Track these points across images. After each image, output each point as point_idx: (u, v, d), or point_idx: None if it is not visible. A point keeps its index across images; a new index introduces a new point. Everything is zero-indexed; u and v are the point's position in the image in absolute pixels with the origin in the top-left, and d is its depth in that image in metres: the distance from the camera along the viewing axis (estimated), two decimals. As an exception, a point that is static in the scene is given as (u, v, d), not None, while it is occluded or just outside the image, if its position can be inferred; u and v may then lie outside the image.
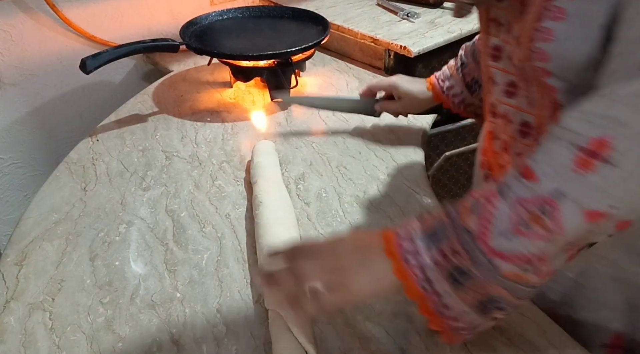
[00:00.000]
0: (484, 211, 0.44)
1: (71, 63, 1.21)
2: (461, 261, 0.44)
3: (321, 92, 1.10)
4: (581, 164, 0.40)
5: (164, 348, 0.54)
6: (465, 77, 0.81)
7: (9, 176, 1.22)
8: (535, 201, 0.42)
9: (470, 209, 0.45)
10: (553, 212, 0.41)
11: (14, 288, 0.62)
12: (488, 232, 0.44)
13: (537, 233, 0.42)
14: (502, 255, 0.43)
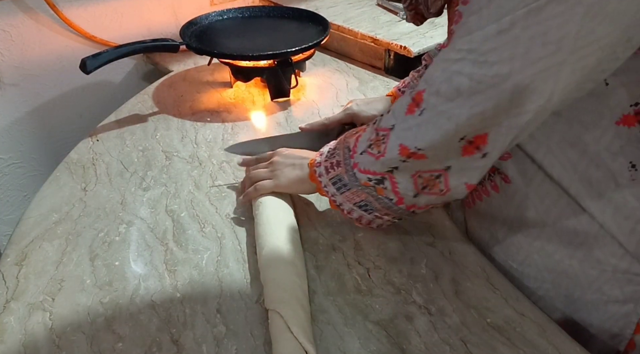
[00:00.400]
0: (359, 134, 0.60)
1: (71, 63, 1.21)
2: (341, 172, 0.61)
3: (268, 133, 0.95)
4: (409, 109, 0.52)
5: (164, 348, 0.54)
6: None
7: (9, 176, 1.22)
8: (382, 129, 0.56)
9: (357, 133, 0.61)
10: (385, 139, 0.55)
11: (14, 288, 0.62)
12: (355, 149, 0.59)
13: (374, 153, 0.56)
14: (359, 168, 0.58)
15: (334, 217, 0.73)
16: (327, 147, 0.66)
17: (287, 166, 0.69)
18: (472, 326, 0.56)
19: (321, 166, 0.64)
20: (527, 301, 0.59)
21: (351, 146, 0.60)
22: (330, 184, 0.63)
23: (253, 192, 0.70)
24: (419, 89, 0.51)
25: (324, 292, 0.61)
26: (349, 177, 0.60)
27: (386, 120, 0.56)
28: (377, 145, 0.56)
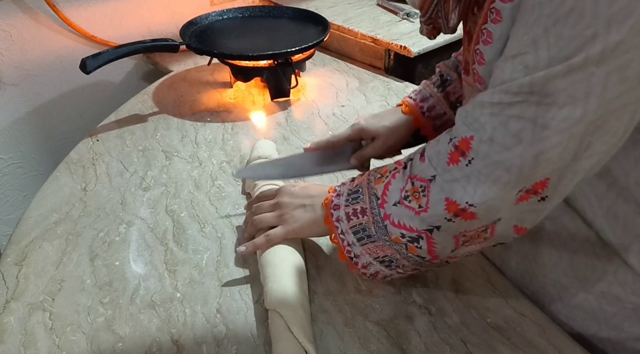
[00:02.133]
0: (389, 181, 0.54)
1: (71, 63, 1.21)
2: (366, 221, 0.54)
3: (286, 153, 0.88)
4: (452, 158, 0.47)
5: (164, 348, 0.54)
6: (449, 95, 0.72)
7: (9, 176, 1.22)
8: (419, 179, 0.50)
9: (384, 176, 0.55)
10: (426, 192, 0.49)
11: (14, 288, 0.62)
12: (387, 198, 0.53)
13: (413, 206, 0.50)
14: (392, 221, 0.52)
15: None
16: (345, 187, 0.58)
17: (297, 207, 0.61)
18: (472, 326, 0.56)
19: (340, 209, 0.56)
20: (527, 301, 0.59)
21: (379, 193, 0.53)
22: (349, 232, 0.56)
23: (264, 244, 0.61)
24: (463, 136, 0.46)
25: (324, 292, 0.61)
26: (376, 229, 0.53)
27: (422, 169, 0.50)
28: (416, 198, 0.50)
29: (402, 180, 0.52)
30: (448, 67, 0.73)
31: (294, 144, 0.91)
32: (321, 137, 0.92)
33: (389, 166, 0.56)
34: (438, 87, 0.72)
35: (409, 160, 0.53)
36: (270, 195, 0.66)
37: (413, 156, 0.53)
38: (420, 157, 0.51)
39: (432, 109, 0.71)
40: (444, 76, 0.72)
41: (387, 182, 0.54)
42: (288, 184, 0.66)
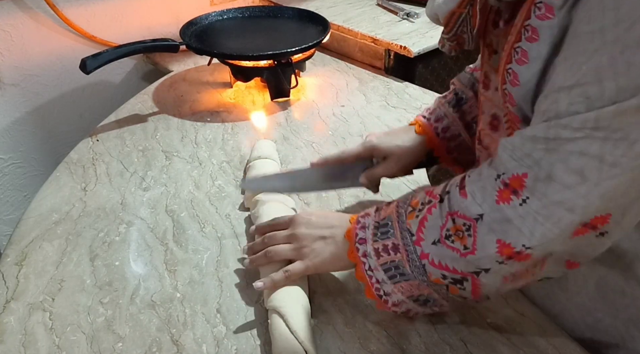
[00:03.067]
0: (424, 216, 0.49)
1: (71, 63, 1.21)
2: (399, 258, 0.50)
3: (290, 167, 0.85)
4: (502, 196, 0.43)
5: (164, 348, 0.54)
6: (465, 115, 0.68)
7: (9, 176, 1.22)
8: (462, 216, 0.46)
9: (416, 209, 0.50)
10: (472, 232, 0.45)
11: (14, 288, 0.62)
12: (423, 236, 0.48)
13: (456, 247, 0.46)
14: (432, 261, 0.48)
15: (334, 217, 0.73)
16: (369, 218, 0.54)
17: (316, 239, 0.56)
18: (472, 326, 0.56)
19: (367, 244, 0.52)
20: (527, 301, 0.59)
21: (414, 230, 0.49)
22: (379, 269, 0.51)
23: (283, 281, 0.56)
24: (515, 173, 0.42)
25: (324, 292, 0.60)
26: (412, 268, 0.49)
27: (465, 205, 0.46)
28: (460, 237, 0.46)
29: (440, 216, 0.48)
30: (463, 84, 0.69)
31: (294, 144, 0.91)
32: (321, 137, 0.93)
33: (420, 196, 0.52)
34: (453, 107, 0.69)
35: (445, 193, 0.49)
36: (283, 223, 0.61)
37: (450, 189, 0.49)
38: (460, 191, 0.47)
39: (446, 130, 0.68)
40: (459, 94, 0.69)
41: (422, 217, 0.49)
42: (303, 213, 0.61)
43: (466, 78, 0.69)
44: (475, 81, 0.68)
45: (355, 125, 0.97)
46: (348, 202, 0.76)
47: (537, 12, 0.42)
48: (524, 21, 0.43)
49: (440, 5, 0.50)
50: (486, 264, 0.45)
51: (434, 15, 0.52)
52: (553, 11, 0.40)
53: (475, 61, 0.69)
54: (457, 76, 0.71)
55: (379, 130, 0.94)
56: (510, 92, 0.46)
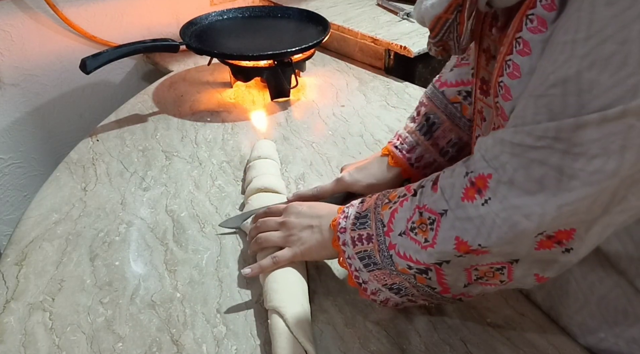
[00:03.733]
0: (395, 208, 0.51)
1: (71, 63, 1.21)
2: (371, 248, 0.52)
3: None
4: (467, 194, 0.44)
5: (164, 348, 0.54)
6: (439, 141, 0.68)
7: (9, 176, 1.22)
8: (429, 210, 0.47)
9: (391, 202, 0.52)
10: (435, 226, 0.46)
11: (14, 288, 0.62)
12: (392, 227, 0.50)
13: (418, 240, 0.47)
14: (398, 252, 0.49)
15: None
16: (353, 208, 0.56)
17: (304, 228, 0.59)
18: (472, 326, 0.56)
19: (346, 233, 0.54)
20: (527, 301, 0.59)
21: (385, 220, 0.51)
22: (355, 258, 0.53)
23: (271, 266, 0.58)
24: (481, 172, 0.43)
25: (324, 292, 0.60)
26: (382, 258, 0.51)
27: (433, 200, 0.47)
28: (423, 231, 0.47)
29: (409, 209, 0.49)
30: (435, 105, 0.67)
31: (294, 144, 0.91)
32: (321, 137, 0.93)
33: (399, 190, 0.53)
34: (424, 134, 0.68)
35: (419, 187, 0.50)
36: (277, 211, 0.63)
37: (425, 183, 0.50)
38: (432, 185, 0.48)
39: (420, 159, 0.68)
40: (430, 119, 0.68)
41: (394, 209, 0.51)
42: (296, 202, 0.63)
43: (437, 98, 0.67)
44: (447, 102, 0.66)
45: (355, 125, 0.97)
46: (348, 202, 0.76)
47: (529, 24, 0.40)
48: (515, 32, 0.42)
49: (427, 9, 0.49)
50: (445, 257, 0.46)
51: (421, 18, 0.50)
52: (546, 24, 0.39)
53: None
54: (427, 94, 0.69)
55: (378, 130, 0.95)
56: (502, 106, 0.45)
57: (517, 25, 0.42)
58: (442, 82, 0.68)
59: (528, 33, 0.41)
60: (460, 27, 0.47)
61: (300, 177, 0.82)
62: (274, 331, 0.53)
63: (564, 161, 0.37)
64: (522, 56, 0.41)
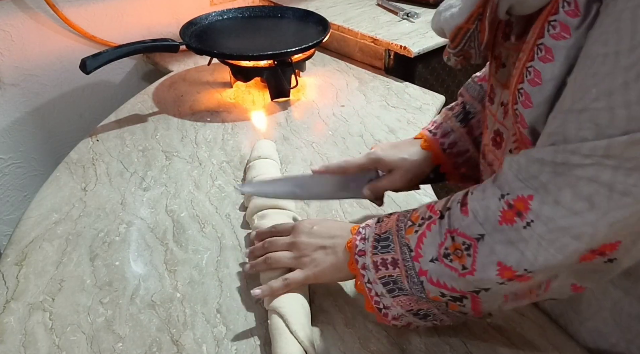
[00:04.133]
0: (423, 231, 0.48)
1: (71, 63, 1.21)
2: (398, 273, 0.49)
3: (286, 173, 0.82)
4: (505, 217, 0.42)
5: (164, 348, 0.54)
6: (474, 130, 0.65)
7: (9, 176, 1.22)
8: (462, 235, 0.44)
9: (416, 224, 0.49)
10: (472, 252, 0.44)
11: (14, 288, 0.62)
12: (422, 252, 0.47)
13: (455, 267, 0.45)
14: (430, 279, 0.47)
15: (334, 217, 0.73)
16: (370, 229, 0.53)
17: (317, 249, 0.56)
18: (472, 326, 0.56)
19: (367, 256, 0.51)
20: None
21: (412, 245, 0.48)
22: (378, 282, 0.51)
23: (282, 289, 0.55)
24: (520, 194, 0.41)
25: (324, 292, 0.60)
26: (410, 284, 0.48)
27: (466, 224, 0.44)
28: (459, 257, 0.44)
29: (439, 233, 0.46)
30: (472, 97, 0.66)
31: (294, 144, 0.91)
32: (321, 137, 0.93)
33: (421, 211, 0.50)
34: (461, 121, 0.66)
35: (445, 209, 0.47)
36: (284, 230, 0.60)
37: (451, 205, 0.47)
38: (461, 208, 0.45)
39: (453, 145, 0.65)
40: (467, 108, 0.66)
41: (421, 233, 0.48)
42: (305, 221, 0.60)
43: (475, 90, 0.66)
44: (484, 94, 0.65)
45: (355, 125, 0.97)
46: (348, 202, 0.76)
47: (551, 30, 0.40)
48: (536, 39, 0.41)
49: (447, 19, 0.47)
50: (486, 285, 0.44)
51: (440, 29, 0.49)
52: (569, 31, 0.38)
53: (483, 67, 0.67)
54: (465, 86, 0.69)
55: (378, 130, 0.95)
56: (521, 113, 0.44)
57: (539, 31, 0.41)
58: (480, 77, 0.67)
59: (550, 39, 0.40)
60: (481, 35, 0.47)
61: (300, 177, 0.82)
62: (274, 331, 0.53)
63: (616, 177, 0.36)
64: (544, 63, 0.40)
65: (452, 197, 0.48)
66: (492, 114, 0.53)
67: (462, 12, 0.46)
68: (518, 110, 0.45)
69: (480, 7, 0.45)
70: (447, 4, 0.48)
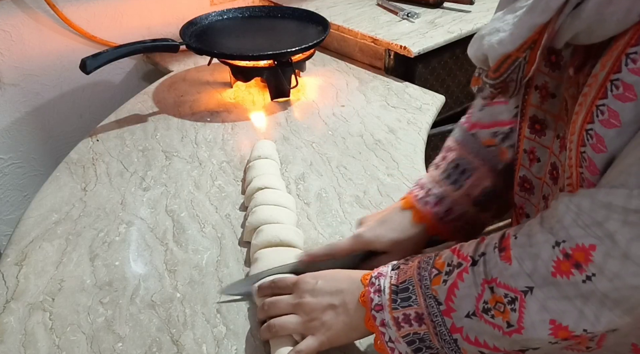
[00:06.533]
0: (454, 282, 0.43)
1: (71, 63, 1.21)
2: (425, 330, 0.44)
3: None
4: (560, 268, 0.37)
5: (164, 348, 0.54)
6: (471, 190, 0.58)
7: (9, 176, 1.22)
8: (504, 286, 0.39)
9: (442, 273, 0.44)
10: (517, 307, 0.39)
11: (14, 288, 0.62)
12: (454, 306, 0.42)
13: (498, 324, 0.40)
14: (466, 337, 0.42)
15: (334, 217, 0.73)
16: (384, 278, 0.47)
17: (325, 309, 0.49)
18: None
19: (384, 311, 0.46)
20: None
21: (442, 298, 0.43)
22: (400, 341, 0.45)
23: None
24: (579, 243, 0.36)
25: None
26: (441, 343, 0.43)
27: (509, 274, 0.39)
28: (502, 312, 0.39)
29: (474, 284, 0.41)
30: (466, 149, 0.59)
31: (294, 144, 0.91)
32: (321, 137, 0.93)
33: (446, 256, 0.45)
34: (454, 183, 0.58)
35: (479, 254, 0.42)
36: (285, 287, 0.54)
37: (485, 250, 0.42)
38: (500, 253, 0.40)
39: (449, 212, 0.58)
40: (460, 166, 0.59)
41: (451, 283, 0.43)
42: (307, 276, 0.53)
43: (468, 142, 0.59)
44: (479, 146, 0.59)
45: (355, 125, 0.97)
46: (348, 202, 0.76)
47: (630, 64, 0.34)
48: (609, 74, 0.36)
49: (493, 46, 0.41)
50: (535, 344, 0.39)
51: (482, 56, 0.43)
52: None
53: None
54: (454, 138, 0.61)
55: (378, 130, 0.95)
56: (590, 157, 0.38)
57: (613, 65, 0.36)
58: (472, 123, 0.60)
59: (631, 75, 0.34)
60: (528, 66, 0.41)
61: (300, 177, 0.82)
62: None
63: None
64: (622, 102, 0.35)
65: (485, 241, 0.43)
66: (546, 146, 0.48)
67: (514, 38, 0.40)
68: (586, 153, 0.39)
69: (538, 34, 0.39)
70: (492, 27, 0.42)
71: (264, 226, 0.65)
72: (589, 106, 0.38)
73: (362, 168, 0.84)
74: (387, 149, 0.89)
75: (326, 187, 0.79)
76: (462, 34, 1.17)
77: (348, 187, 0.79)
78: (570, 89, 0.44)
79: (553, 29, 0.38)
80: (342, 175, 0.82)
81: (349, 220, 0.72)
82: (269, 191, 0.72)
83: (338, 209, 0.75)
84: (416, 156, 0.87)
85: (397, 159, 0.86)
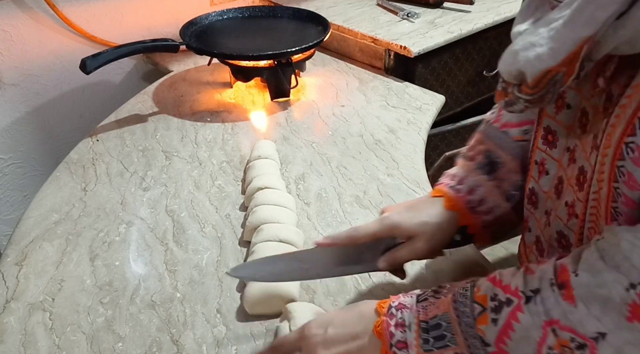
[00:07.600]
0: (506, 321, 0.38)
1: (71, 63, 1.21)
2: None
3: None
4: (636, 312, 0.33)
5: (164, 348, 0.54)
6: (503, 184, 0.56)
7: (9, 176, 1.22)
8: (569, 329, 0.35)
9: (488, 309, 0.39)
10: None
11: (14, 288, 0.62)
12: (507, 348, 0.38)
13: None
14: None
15: (334, 217, 0.73)
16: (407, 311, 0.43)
17: None
18: (472, 326, 0.56)
19: (409, 349, 0.41)
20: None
21: (490, 339, 0.38)
22: None
23: None
24: None
25: (324, 292, 0.60)
26: None
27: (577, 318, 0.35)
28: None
29: (534, 326, 0.37)
30: (496, 144, 0.57)
31: (294, 144, 0.91)
32: (321, 137, 0.93)
33: (486, 288, 0.41)
34: (487, 173, 0.56)
35: (532, 290, 0.38)
36: (290, 346, 0.47)
37: (540, 285, 0.38)
38: (560, 291, 0.36)
39: (482, 202, 0.55)
40: (491, 157, 0.57)
41: (504, 324, 0.38)
42: (312, 325, 0.46)
43: (498, 136, 0.58)
44: (511, 141, 0.57)
45: (355, 125, 0.97)
46: (348, 202, 0.76)
47: None
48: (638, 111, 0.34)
49: (531, 61, 0.39)
50: None
51: (518, 71, 0.41)
52: None
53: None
54: (484, 132, 0.60)
55: (378, 130, 0.95)
56: (625, 193, 0.37)
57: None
58: (502, 123, 0.59)
59: None
60: (565, 77, 0.39)
61: (300, 177, 0.82)
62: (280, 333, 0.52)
63: None
64: None
65: (536, 273, 0.39)
66: (555, 159, 0.46)
67: (555, 53, 0.38)
68: (620, 189, 0.36)
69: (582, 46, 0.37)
70: (526, 41, 0.40)
71: (264, 226, 0.65)
72: (630, 118, 0.36)
73: (362, 168, 0.84)
74: (387, 149, 0.89)
75: (326, 187, 0.79)
76: (462, 34, 1.17)
77: (348, 187, 0.79)
78: (593, 99, 0.42)
79: (593, 40, 0.36)
80: (342, 175, 0.82)
81: (349, 220, 0.72)
82: (269, 191, 0.72)
83: (338, 209, 0.75)
84: (416, 156, 0.87)
85: (397, 159, 0.86)
